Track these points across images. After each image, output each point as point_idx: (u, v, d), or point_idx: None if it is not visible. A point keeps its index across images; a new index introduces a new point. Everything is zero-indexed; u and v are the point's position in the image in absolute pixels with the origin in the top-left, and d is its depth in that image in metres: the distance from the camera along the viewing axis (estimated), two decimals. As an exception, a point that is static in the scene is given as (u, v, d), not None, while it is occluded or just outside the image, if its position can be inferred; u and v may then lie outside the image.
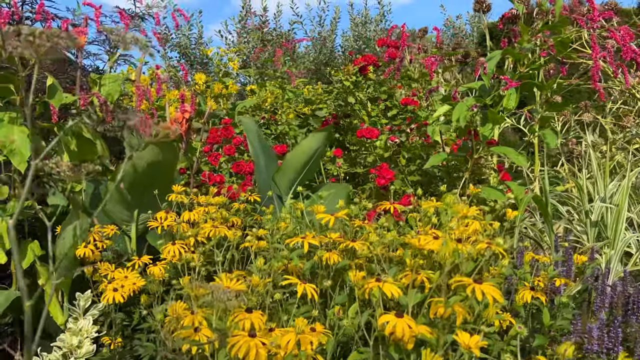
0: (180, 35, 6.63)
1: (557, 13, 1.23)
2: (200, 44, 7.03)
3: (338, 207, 1.84)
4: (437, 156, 1.42)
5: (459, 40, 5.33)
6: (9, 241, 1.32)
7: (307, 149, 1.65)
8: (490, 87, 1.31)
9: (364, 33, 7.41)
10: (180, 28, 6.70)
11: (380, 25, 7.42)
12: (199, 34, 6.79)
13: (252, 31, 7.17)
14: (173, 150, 1.50)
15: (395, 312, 0.59)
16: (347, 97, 2.15)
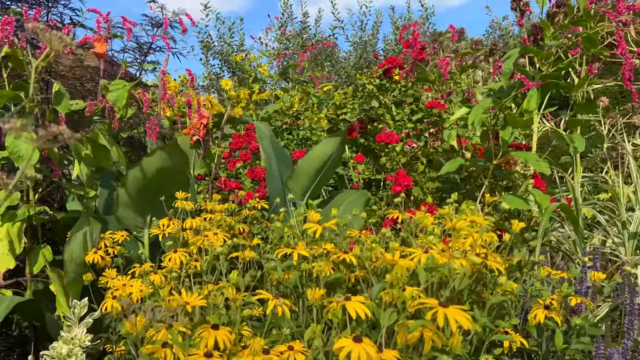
0: (222, 43, 6.74)
1: (582, 6, 1.13)
2: (242, 51, 7.11)
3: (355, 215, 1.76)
4: (452, 162, 1.33)
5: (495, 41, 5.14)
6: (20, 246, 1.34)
7: (321, 155, 1.59)
8: (509, 87, 1.22)
9: (405, 36, 7.29)
10: (222, 35, 6.81)
11: (423, 28, 7.29)
12: (240, 42, 6.87)
13: (293, 37, 7.20)
14: (182, 156, 1.48)
15: (354, 336, 0.53)
16: (371, 101, 2.09)
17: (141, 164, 1.43)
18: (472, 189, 1.52)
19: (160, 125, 2.26)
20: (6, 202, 1.31)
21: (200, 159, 1.93)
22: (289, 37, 7.10)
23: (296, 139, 2.17)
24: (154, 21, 2.51)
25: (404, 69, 2.08)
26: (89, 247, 1.42)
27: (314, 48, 3.49)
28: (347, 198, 1.75)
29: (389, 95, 2.14)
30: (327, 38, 7.39)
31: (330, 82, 2.83)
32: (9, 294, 1.40)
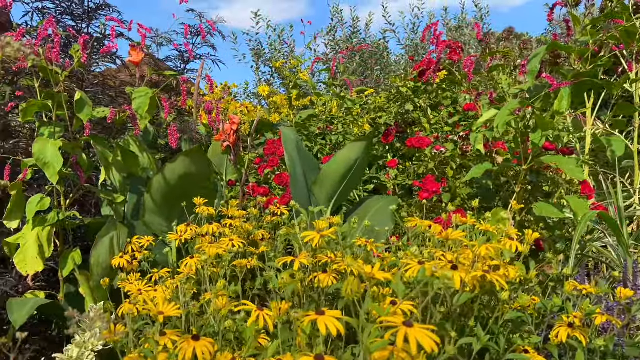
0: (272, 50, 6.82)
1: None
2: (292, 58, 7.14)
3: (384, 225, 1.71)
4: (478, 167, 1.25)
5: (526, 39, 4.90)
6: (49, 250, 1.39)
7: (346, 160, 1.55)
8: (538, 87, 1.13)
9: (458, 38, 7.10)
10: (272, 43, 6.90)
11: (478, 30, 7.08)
12: (290, 48, 6.94)
13: (342, 42, 7.18)
14: (206, 161, 1.49)
15: (315, 355, 0.49)
16: (405, 104, 2.02)
17: (164, 170, 1.45)
18: (506, 195, 1.43)
19: (197, 132, 2.30)
20: (37, 206, 1.36)
21: (232, 164, 1.94)
22: (339, 42, 7.09)
23: (329, 144, 2.14)
24: (193, 29, 2.56)
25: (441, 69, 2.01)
26: (115, 251, 1.45)
27: (348, 51, 3.44)
28: (376, 204, 1.70)
29: (425, 98, 2.07)
30: (377, 42, 7.32)
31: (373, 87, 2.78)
32: (41, 295, 1.46)
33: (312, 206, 1.66)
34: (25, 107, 1.30)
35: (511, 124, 1.14)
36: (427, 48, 7.49)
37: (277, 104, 2.58)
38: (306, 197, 1.61)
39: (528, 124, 1.24)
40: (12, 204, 1.38)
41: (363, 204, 1.71)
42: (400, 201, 1.75)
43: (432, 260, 0.83)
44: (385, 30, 7.41)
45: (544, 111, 1.20)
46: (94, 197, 1.81)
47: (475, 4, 6.91)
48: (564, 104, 1.10)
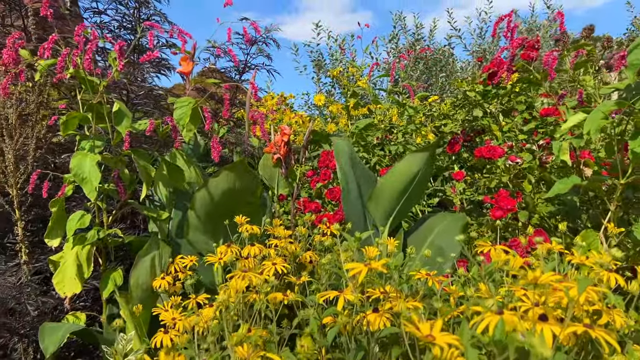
0: (333, 61, 6.73)
1: None
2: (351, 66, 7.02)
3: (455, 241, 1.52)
4: (563, 181, 1.05)
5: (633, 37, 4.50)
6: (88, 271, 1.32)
7: (406, 173, 1.39)
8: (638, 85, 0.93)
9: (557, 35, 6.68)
10: (333, 53, 6.82)
11: (550, 32, 6.67)
12: (352, 58, 6.81)
13: (405, 49, 6.98)
14: (250, 176, 1.37)
15: None
16: (473, 110, 1.83)
17: (207, 185, 1.35)
18: (596, 214, 1.21)
19: (250, 144, 2.21)
20: (77, 224, 1.29)
21: (283, 178, 1.83)
22: (401, 50, 6.90)
23: (388, 155, 1.98)
24: (248, 39, 2.49)
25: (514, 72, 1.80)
26: (157, 272, 1.37)
27: (409, 54, 3.26)
28: (440, 223, 1.52)
29: (496, 103, 1.86)
30: (442, 48, 7.06)
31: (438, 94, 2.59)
32: (82, 317, 1.39)
33: (368, 223, 1.51)
34: (65, 119, 1.24)
35: (606, 129, 0.94)
36: (495, 53, 7.14)
37: (334, 113, 2.45)
38: (360, 214, 1.46)
39: (625, 129, 1.03)
40: (53, 221, 1.32)
41: (426, 222, 1.54)
42: (469, 219, 1.55)
43: (510, 303, 0.66)
44: (450, 36, 7.14)
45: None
46: (139, 213, 1.75)
47: (546, 4, 6.50)
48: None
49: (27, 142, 1.53)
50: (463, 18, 10.68)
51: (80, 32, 1.05)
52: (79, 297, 1.54)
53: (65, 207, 1.67)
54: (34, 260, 1.59)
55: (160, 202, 1.66)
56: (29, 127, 1.54)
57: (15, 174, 1.51)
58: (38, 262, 1.58)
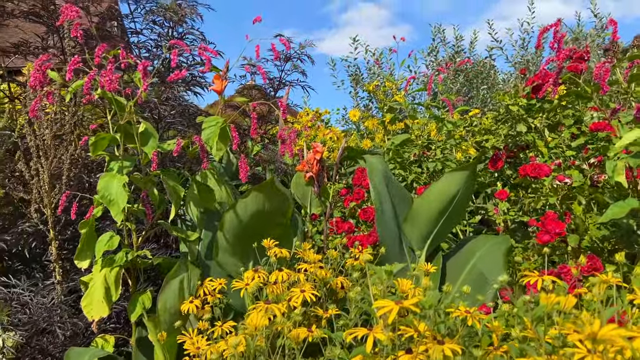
0: (371, 75, 6.68)
1: None
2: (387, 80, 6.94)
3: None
4: (619, 205, 0.96)
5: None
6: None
7: (444, 193, 1.31)
8: None
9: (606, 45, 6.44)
10: (371, 67, 6.77)
11: (597, 41, 6.41)
12: (390, 72, 6.74)
13: (445, 62, 6.86)
14: (280, 196, 1.33)
15: None
16: (516, 125, 1.73)
17: (236, 206, 1.31)
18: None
19: (283, 161, 2.17)
20: (105, 246, 1.28)
21: (316, 196, 1.77)
22: (441, 62, 6.78)
23: (426, 172, 1.90)
24: (283, 55, 2.47)
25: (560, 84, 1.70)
26: (185, 295, 1.33)
27: (447, 67, 3.17)
28: (482, 246, 1.43)
29: (541, 117, 1.76)
30: (483, 60, 6.90)
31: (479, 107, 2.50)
32: (111, 340, 1.37)
33: (404, 246, 1.43)
34: (95, 140, 1.23)
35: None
36: (538, 64, 6.92)
37: (369, 128, 2.39)
38: (395, 236, 1.38)
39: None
40: (82, 243, 1.31)
41: (466, 245, 1.45)
42: (513, 241, 1.46)
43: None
44: (491, 47, 6.97)
45: None
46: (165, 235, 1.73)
47: (594, 13, 6.26)
48: None
49: (62, 161, 1.54)
50: (504, 29, 10.42)
51: (100, 53, 1.03)
52: (109, 319, 1.52)
53: (99, 226, 1.67)
54: (69, 279, 1.59)
55: (192, 222, 1.64)
56: (64, 147, 1.55)
57: (49, 193, 1.52)
58: (72, 282, 1.58)
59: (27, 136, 1.48)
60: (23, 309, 1.44)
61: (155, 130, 1.77)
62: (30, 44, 1.86)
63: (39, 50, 1.82)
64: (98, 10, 2.27)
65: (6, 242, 1.65)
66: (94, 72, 1.08)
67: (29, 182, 1.53)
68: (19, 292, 1.44)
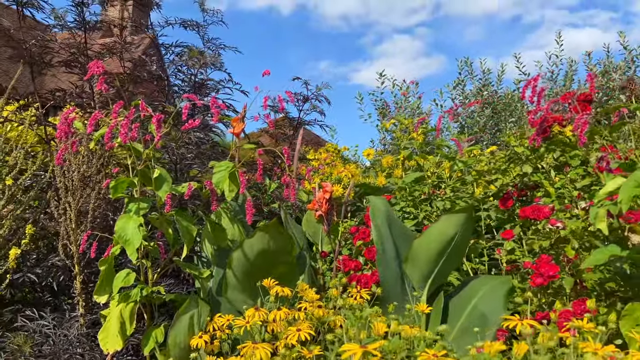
0: (398, 108, 6.76)
1: None
2: (419, 115, 7.03)
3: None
4: (601, 251, 0.98)
5: None
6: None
7: (441, 235, 1.36)
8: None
9: (605, 83, 6.41)
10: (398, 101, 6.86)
11: (627, 73, 6.33)
12: (416, 105, 6.81)
13: (473, 95, 6.89)
14: (284, 236, 1.40)
15: None
16: (523, 166, 1.77)
17: (243, 246, 1.38)
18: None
19: (298, 199, 2.25)
20: (122, 282, 1.37)
21: (325, 235, 1.83)
22: (468, 96, 6.81)
23: (436, 211, 1.94)
24: (301, 96, 2.58)
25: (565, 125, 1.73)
26: (195, 330, 1.40)
27: (458, 107, 3.22)
28: (483, 286, 1.45)
29: (548, 157, 1.79)
30: (511, 93, 6.90)
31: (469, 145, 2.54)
32: (125, 373, 1.45)
33: (406, 286, 1.47)
34: (115, 184, 1.34)
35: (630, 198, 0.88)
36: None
37: (384, 166, 2.45)
38: (397, 275, 1.43)
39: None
40: (102, 279, 1.41)
41: (468, 285, 1.48)
42: (516, 282, 1.48)
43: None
44: (519, 80, 6.97)
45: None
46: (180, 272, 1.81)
47: (623, 45, 6.21)
48: None
49: (88, 201, 1.66)
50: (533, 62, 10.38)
51: (117, 109, 1.15)
52: (127, 351, 1.60)
53: (121, 261, 1.78)
54: (92, 312, 1.69)
55: (207, 259, 1.72)
56: (90, 188, 1.67)
57: (75, 230, 1.63)
58: (95, 315, 1.68)
59: (57, 177, 1.61)
60: (48, 341, 1.54)
61: (174, 171, 1.89)
62: (65, 91, 2.02)
63: (74, 97, 1.97)
64: (131, 57, 2.44)
65: (37, 275, 1.77)
66: (114, 124, 1.19)
67: (57, 219, 1.65)
68: (44, 323, 1.54)
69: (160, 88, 2.36)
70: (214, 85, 2.14)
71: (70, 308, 1.78)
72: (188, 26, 2.55)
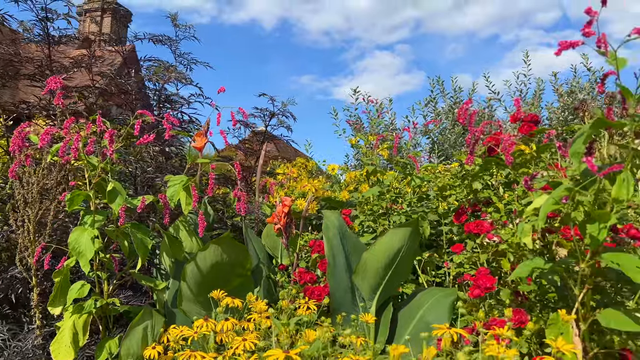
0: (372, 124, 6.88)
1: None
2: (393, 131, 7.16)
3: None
4: (525, 264, 1.05)
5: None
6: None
7: (388, 249, 1.41)
8: (586, 173, 0.94)
9: (570, 103, 6.64)
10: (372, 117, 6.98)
11: (592, 94, 6.56)
12: (390, 122, 6.94)
13: (444, 113, 7.05)
14: (238, 249, 1.44)
15: None
16: (473, 183, 1.84)
17: (196, 258, 1.42)
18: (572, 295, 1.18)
19: (262, 213, 2.29)
20: (76, 294, 1.39)
21: (285, 248, 1.88)
22: (439, 113, 6.97)
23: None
24: (267, 112, 2.63)
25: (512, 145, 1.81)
26: (149, 341, 1.42)
27: (412, 129, 3.32)
28: (430, 297, 1.51)
29: (498, 175, 1.87)
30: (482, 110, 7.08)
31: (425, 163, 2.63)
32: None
33: (357, 298, 1.52)
34: (70, 197, 1.37)
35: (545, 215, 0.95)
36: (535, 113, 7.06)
37: (347, 181, 2.51)
38: (348, 288, 1.48)
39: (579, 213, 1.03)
40: (56, 290, 1.43)
41: (417, 296, 1.54)
42: (461, 294, 1.54)
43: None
44: (489, 98, 7.17)
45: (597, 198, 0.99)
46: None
47: (587, 67, 6.44)
48: (624, 190, 0.89)
49: (47, 213, 1.67)
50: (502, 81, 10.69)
51: (68, 125, 1.18)
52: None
53: (80, 274, 1.79)
54: (50, 325, 1.69)
55: (165, 272, 1.75)
56: (49, 201, 1.69)
57: (33, 243, 1.64)
58: (52, 327, 1.68)
59: (15, 189, 1.62)
60: (2, 353, 1.54)
61: (133, 185, 1.91)
62: (29, 103, 2.03)
63: (37, 109, 1.99)
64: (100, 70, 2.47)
65: (-4, 287, 1.77)
66: (68, 139, 1.22)
67: (15, 231, 1.66)
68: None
69: (127, 102, 2.39)
70: (178, 99, 2.18)
71: (29, 320, 1.78)
72: (159, 41, 2.59)
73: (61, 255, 1.52)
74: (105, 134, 1.20)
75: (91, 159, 1.33)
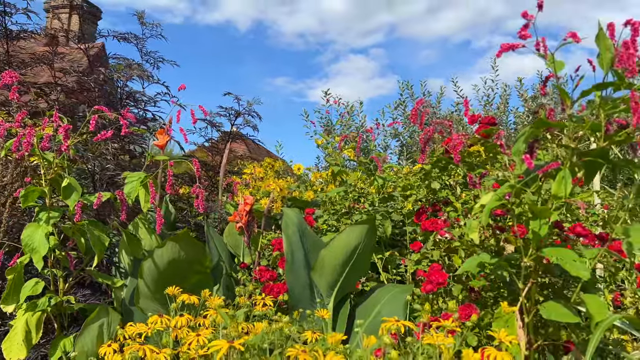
0: (342, 126, 6.94)
1: (605, 64, 0.88)
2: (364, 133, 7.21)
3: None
4: (472, 259, 1.09)
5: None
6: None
7: (345, 246, 1.44)
8: (528, 172, 0.98)
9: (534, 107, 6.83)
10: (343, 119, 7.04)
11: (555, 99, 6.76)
12: (360, 123, 7.02)
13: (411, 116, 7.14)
14: (196, 246, 1.44)
15: None
16: (432, 183, 1.89)
17: (153, 255, 1.42)
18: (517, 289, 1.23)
19: (227, 212, 2.29)
20: (29, 291, 1.37)
21: (246, 246, 1.88)
22: (409, 116, 7.07)
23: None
24: (233, 111, 2.63)
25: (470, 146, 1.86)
26: (105, 339, 1.41)
27: (375, 130, 3.37)
28: (387, 293, 1.54)
29: (456, 175, 1.92)
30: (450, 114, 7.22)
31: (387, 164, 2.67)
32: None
33: (315, 294, 1.54)
34: (25, 193, 1.35)
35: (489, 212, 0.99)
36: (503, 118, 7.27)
37: (312, 181, 2.53)
38: (306, 284, 1.49)
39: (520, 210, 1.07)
40: (9, 287, 1.40)
41: (374, 293, 1.56)
42: (417, 290, 1.57)
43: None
44: (457, 103, 7.32)
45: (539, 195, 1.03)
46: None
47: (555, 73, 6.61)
48: (563, 188, 0.93)
49: (2, 210, 1.64)
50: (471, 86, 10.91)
51: (20, 119, 1.17)
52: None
53: (37, 272, 1.76)
54: (4, 324, 1.66)
55: (125, 270, 1.73)
56: (4, 197, 1.65)
57: (-14, 240, 1.61)
58: (5, 327, 1.65)
59: (-32, 186, 1.59)
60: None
61: (92, 181, 1.89)
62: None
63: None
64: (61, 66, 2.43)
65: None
66: (21, 134, 1.21)
67: (-32, 229, 1.62)
68: (-52, 335, 1.50)
69: (90, 99, 2.36)
70: (141, 97, 2.16)
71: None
72: (124, 39, 2.57)
73: (16, 252, 1.50)
74: (60, 129, 1.19)
75: (46, 155, 1.31)
